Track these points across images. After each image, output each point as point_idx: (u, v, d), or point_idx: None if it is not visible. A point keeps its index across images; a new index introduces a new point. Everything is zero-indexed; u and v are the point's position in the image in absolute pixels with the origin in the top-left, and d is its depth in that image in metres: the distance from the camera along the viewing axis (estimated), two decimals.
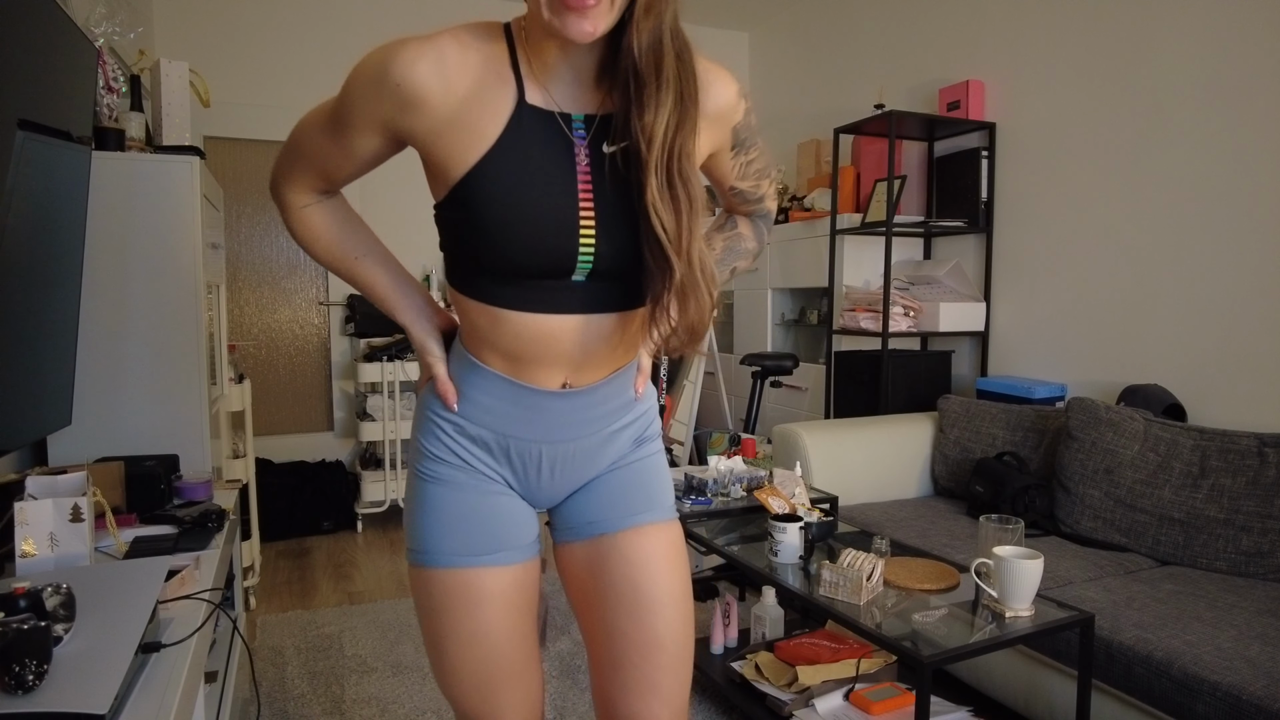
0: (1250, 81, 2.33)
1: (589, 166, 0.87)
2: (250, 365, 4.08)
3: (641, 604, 0.99)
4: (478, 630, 0.97)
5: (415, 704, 2.17)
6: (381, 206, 4.30)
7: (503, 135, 0.84)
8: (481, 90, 0.85)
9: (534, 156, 0.85)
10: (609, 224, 0.87)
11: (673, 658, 1.00)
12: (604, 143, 0.87)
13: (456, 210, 0.87)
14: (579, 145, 0.87)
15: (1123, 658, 1.62)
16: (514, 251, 0.86)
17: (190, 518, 1.62)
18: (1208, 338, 2.45)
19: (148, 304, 2.01)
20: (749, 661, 2.04)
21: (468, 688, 1.01)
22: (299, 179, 1.01)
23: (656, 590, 1.00)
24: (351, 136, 0.92)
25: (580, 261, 0.87)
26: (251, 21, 4.00)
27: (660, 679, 1.00)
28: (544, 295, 0.89)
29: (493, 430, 0.97)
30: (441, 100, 0.84)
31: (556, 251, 0.86)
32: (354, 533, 3.84)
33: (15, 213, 1.22)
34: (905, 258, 3.49)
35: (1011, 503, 2.36)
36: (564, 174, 0.86)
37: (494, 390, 0.96)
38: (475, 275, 0.91)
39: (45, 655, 0.87)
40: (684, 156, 0.85)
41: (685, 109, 0.84)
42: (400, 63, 0.84)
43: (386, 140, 0.91)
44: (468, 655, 0.99)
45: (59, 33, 1.40)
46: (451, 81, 0.84)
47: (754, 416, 3.44)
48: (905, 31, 3.65)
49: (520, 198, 0.84)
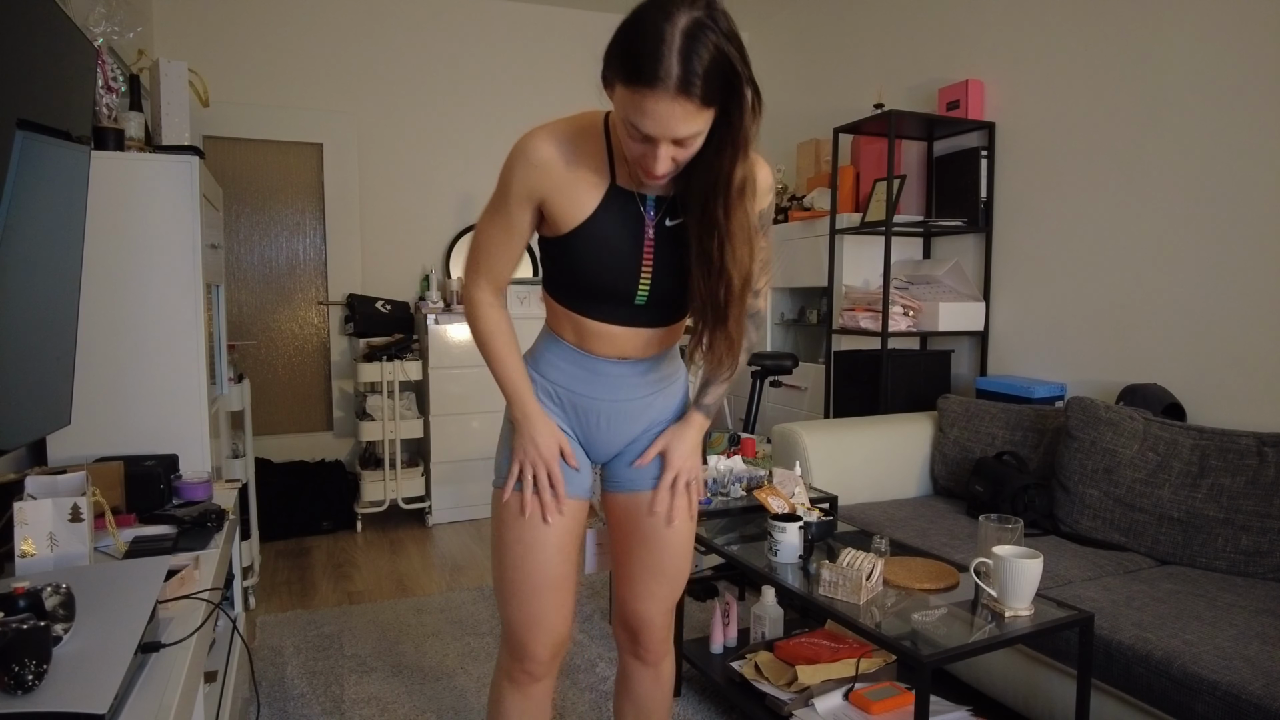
0: (1250, 81, 2.33)
1: (653, 234, 1.22)
2: (249, 365, 4.08)
3: (656, 543, 1.40)
4: (536, 543, 1.30)
5: (415, 704, 2.17)
6: (381, 207, 4.30)
7: (598, 209, 1.19)
8: (587, 172, 1.19)
9: (615, 225, 1.20)
10: (661, 274, 1.23)
11: (670, 579, 1.43)
12: (667, 218, 1.22)
13: (560, 251, 1.24)
14: (649, 220, 1.21)
15: (1122, 657, 1.62)
16: (594, 285, 1.24)
17: (189, 517, 1.62)
18: (1207, 337, 2.45)
19: (147, 304, 2.01)
20: (749, 661, 2.04)
21: (519, 588, 1.32)
22: (484, 276, 1.31)
23: (668, 536, 1.40)
24: (512, 211, 1.23)
25: (638, 297, 1.25)
26: (251, 21, 4.00)
27: (659, 590, 1.43)
28: (610, 310, 1.27)
29: (564, 387, 1.33)
30: (560, 172, 1.18)
31: (623, 289, 1.24)
32: (353, 532, 3.84)
33: (14, 212, 1.22)
34: (905, 257, 3.49)
35: (1011, 502, 2.36)
36: (636, 238, 1.21)
37: (567, 357, 1.32)
38: (565, 291, 1.29)
39: (45, 655, 0.87)
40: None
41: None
42: (534, 144, 1.18)
43: (534, 209, 1.22)
44: (525, 561, 1.31)
45: (58, 32, 1.40)
46: (566, 160, 1.18)
47: (753, 416, 3.44)
48: (905, 31, 3.65)
49: (603, 253, 1.21)
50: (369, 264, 4.30)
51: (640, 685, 1.52)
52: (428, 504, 3.94)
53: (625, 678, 1.54)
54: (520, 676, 1.36)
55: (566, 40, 4.58)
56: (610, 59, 1.03)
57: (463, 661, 2.41)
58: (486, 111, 4.45)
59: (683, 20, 0.96)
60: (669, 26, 0.96)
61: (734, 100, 1.03)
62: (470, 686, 2.26)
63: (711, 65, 0.98)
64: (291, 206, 4.20)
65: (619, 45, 1.01)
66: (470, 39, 4.41)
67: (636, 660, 1.50)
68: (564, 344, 1.32)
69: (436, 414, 3.85)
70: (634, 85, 0.99)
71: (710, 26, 0.97)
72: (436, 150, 4.37)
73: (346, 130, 4.21)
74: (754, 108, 1.05)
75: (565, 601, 1.35)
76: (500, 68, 4.48)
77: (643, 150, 1.06)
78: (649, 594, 1.43)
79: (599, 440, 1.37)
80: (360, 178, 4.26)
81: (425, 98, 4.34)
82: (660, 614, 1.45)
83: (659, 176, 1.09)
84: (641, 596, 1.43)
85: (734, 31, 1.00)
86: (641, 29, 0.98)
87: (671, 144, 1.04)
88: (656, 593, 1.43)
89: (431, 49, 4.34)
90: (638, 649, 1.48)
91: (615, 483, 1.42)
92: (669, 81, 0.96)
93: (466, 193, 4.42)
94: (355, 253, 4.26)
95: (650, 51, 0.96)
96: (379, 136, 4.28)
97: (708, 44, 0.97)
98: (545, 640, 1.34)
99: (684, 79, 0.96)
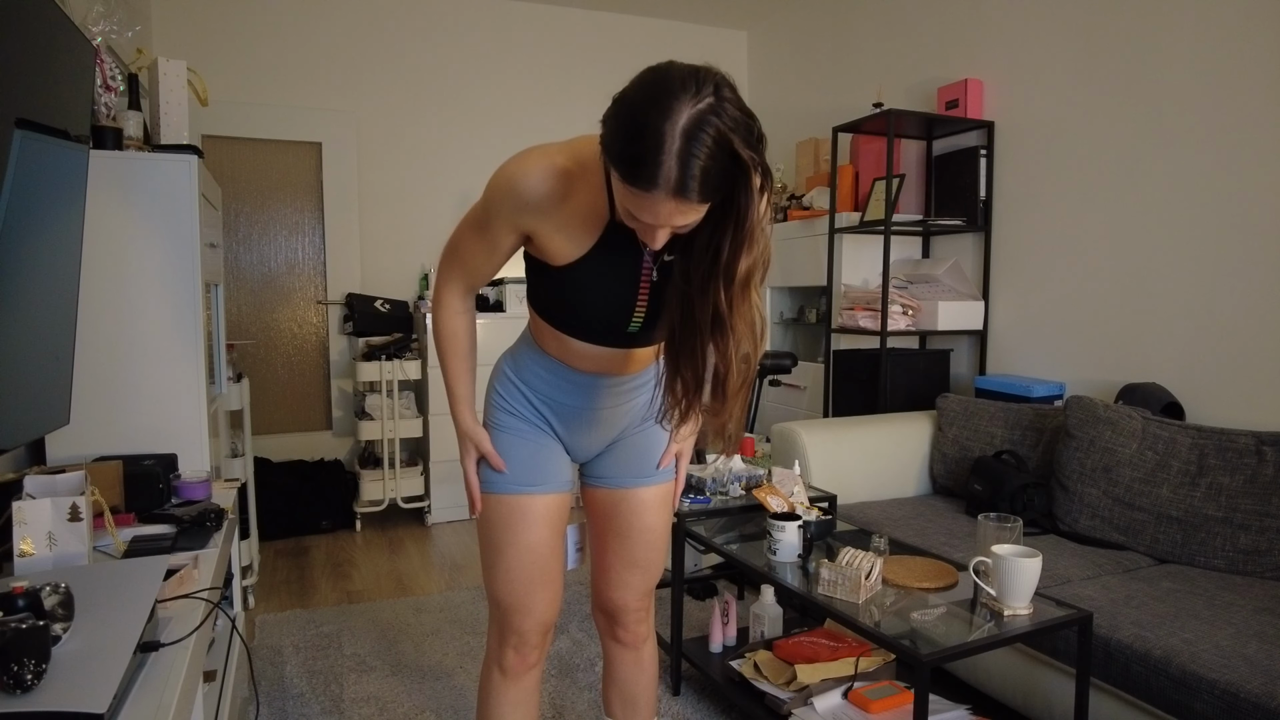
0: (1249, 80, 2.33)
1: (650, 268, 1.19)
2: (249, 364, 4.08)
3: (633, 537, 1.46)
4: (523, 542, 1.35)
5: (414, 703, 2.17)
6: (380, 207, 4.30)
7: (595, 246, 1.16)
8: (583, 209, 1.14)
9: (613, 262, 1.18)
10: (654, 306, 1.21)
11: (646, 569, 1.49)
12: (665, 253, 1.15)
13: (552, 281, 1.22)
14: (646, 257, 1.18)
15: (1121, 656, 1.63)
16: (587, 318, 1.24)
17: (189, 517, 1.61)
18: (1206, 336, 2.45)
19: (146, 303, 2.00)
20: (748, 660, 2.05)
21: (513, 584, 1.36)
22: (456, 281, 1.34)
23: (645, 530, 1.46)
24: (495, 233, 1.22)
25: (631, 327, 1.24)
26: (250, 20, 4.00)
27: (635, 581, 1.49)
28: (598, 336, 1.27)
29: (545, 395, 1.36)
30: (555, 210, 1.14)
31: (615, 322, 1.23)
32: (352, 532, 3.84)
33: (12, 212, 1.21)
34: (904, 256, 3.49)
35: (1010, 501, 2.36)
36: (633, 275, 1.19)
37: (550, 368, 1.34)
38: (553, 316, 1.28)
39: (44, 654, 0.86)
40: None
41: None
42: (528, 180, 1.14)
43: (520, 236, 1.21)
44: (518, 560, 1.35)
45: (56, 31, 1.40)
46: (562, 196, 1.14)
47: (753, 415, 3.44)
48: (904, 30, 3.65)
49: (597, 290, 1.20)
50: (368, 263, 4.30)
51: (622, 669, 1.58)
52: (427, 503, 3.94)
53: (609, 664, 1.61)
54: (514, 661, 1.40)
55: (566, 40, 4.58)
56: (607, 146, 0.98)
57: (462, 660, 2.41)
58: (486, 110, 4.45)
59: (683, 119, 0.91)
60: (668, 127, 0.91)
61: (738, 186, 0.99)
62: (469, 685, 2.26)
63: (710, 163, 0.93)
64: (290, 206, 4.19)
65: (616, 137, 0.96)
66: (470, 38, 4.41)
67: (617, 643, 1.57)
68: (547, 356, 1.34)
69: (436, 413, 3.85)
70: (631, 185, 0.96)
71: (713, 119, 0.92)
72: (436, 149, 4.37)
73: (346, 129, 4.20)
74: (763, 194, 1.00)
75: (555, 589, 1.41)
76: (500, 67, 4.48)
77: (639, 225, 1.04)
78: (624, 583, 1.49)
79: (579, 443, 1.42)
80: (359, 177, 4.25)
81: (425, 97, 4.34)
82: (635, 599, 1.51)
83: (657, 248, 1.07)
84: (616, 585, 1.50)
85: (740, 115, 0.95)
86: (640, 128, 0.92)
87: (670, 227, 1.02)
88: (631, 582, 1.49)
89: (431, 48, 4.34)
90: (616, 631, 1.55)
91: (594, 478, 1.48)
92: (667, 186, 0.93)
93: (466, 192, 4.42)
94: (354, 252, 4.26)
95: (649, 157, 0.92)
96: (378, 136, 4.27)
97: (707, 141, 0.92)
98: (537, 625, 1.39)
99: (681, 182, 0.93)
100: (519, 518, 1.35)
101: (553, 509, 1.38)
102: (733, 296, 1.06)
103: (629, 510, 1.45)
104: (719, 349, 1.10)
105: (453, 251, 1.32)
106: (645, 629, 1.55)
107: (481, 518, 1.39)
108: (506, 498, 1.35)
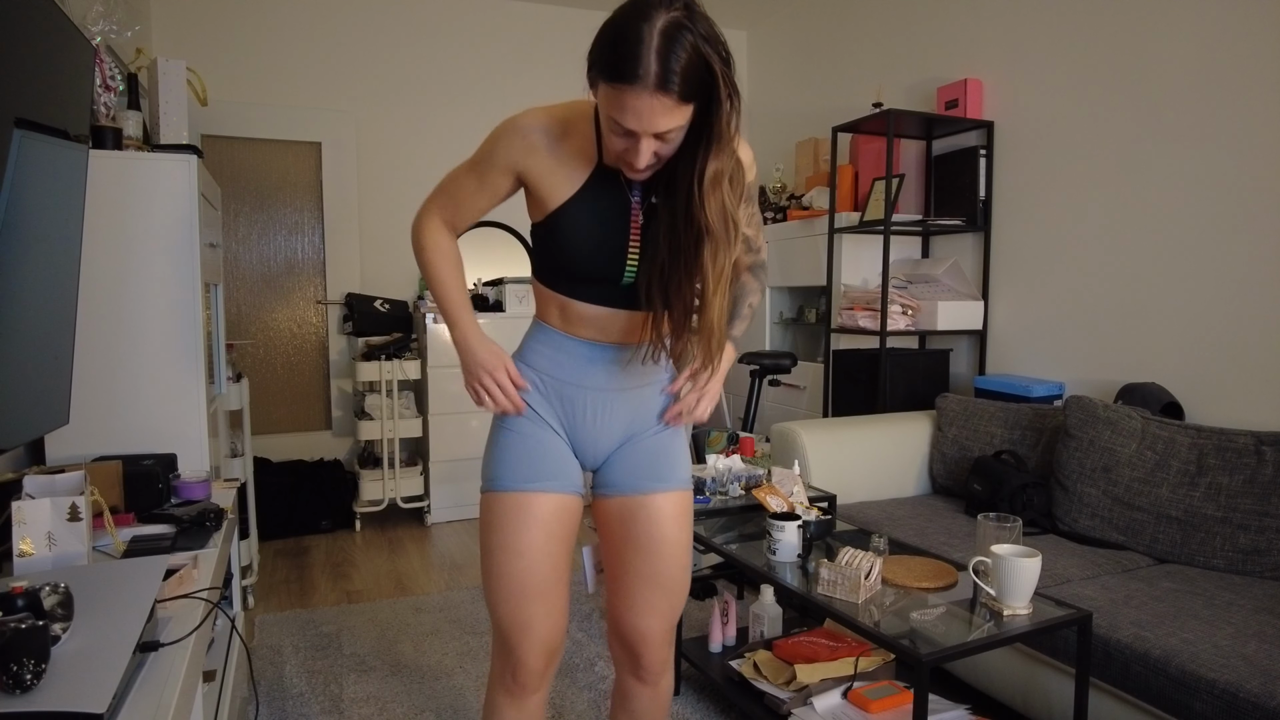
0: (1248, 80, 2.33)
1: (639, 213, 1.23)
2: (248, 364, 4.08)
3: (652, 550, 1.33)
4: (522, 545, 1.27)
5: (414, 703, 2.17)
6: (379, 206, 4.30)
7: (584, 187, 1.22)
8: (574, 151, 1.22)
9: (601, 203, 1.23)
10: (646, 253, 1.22)
11: (669, 591, 1.35)
12: (652, 196, 1.22)
13: (548, 231, 1.25)
14: (635, 199, 1.23)
15: (1120, 656, 1.63)
16: (581, 265, 1.24)
17: (188, 517, 1.61)
18: (1205, 336, 2.45)
19: (145, 303, 2.00)
20: (747, 660, 2.05)
21: (507, 594, 1.28)
22: (437, 215, 1.34)
23: (664, 542, 1.33)
24: (490, 172, 1.26)
25: (625, 277, 1.25)
26: (249, 20, 4.00)
27: (659, 603, 1.35)
28: (597, 292, 1.27)
29: (549, 375, 1.32)
30: (548, 147, 1.22)
31: (609, 268, 1.24)
32: (352, 532, 3.83)
33: (12, 211, 1.21)
34: (903, 256, 3.49)
35: (1009, 501, 2.36)
36: (622, 217, 1.23)
37: (552, 342, 1.32)
38: (553, 274, 1.29)
39: (43, 654, 0.86)
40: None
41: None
42: (525, 118, 1.23)
43: (514, 179, 1.26)
44: (512, 566, 1.27)
45: (56, 30, 1.40)
46: (555, 136, 1.22)
47: (752, 415, 3.44)
48: (904, 30, 3.65)
49: (589, 232, 1.22)
50: (367, 263, 4.30)
51: (638, 702, 1.44)
52: (426, 503, 3.93)
53: (622, 695, 1.47)
54: (514, 688, 1.32)
55: (565, 39, 4.57)
56: (593, 59, 1.08)
57: (461, 660, 2.41)
58: (485, 110, 4.44)
59: (660, 21, 1.01)
60: (646, 27, 1.01)
61: (712, 98, 1.08)
62: (469, 685, 2.26)
63: (688, 64, 1.02)
64: (290, 205, 4.19)
65: (600, 46, 1.07)
66: (469, 37, 4.41)
67: (635, 680, 1.42)
68: (549, 329, 1.33)
69: (435, 413, 3.85)
70: (615, 83, 1.04)
71: (687, 27, 1.02)
72: (435, 149, 4.37)
73: (345, 129, 4.20)
74: (732, 104, 1.09)
75: (556, 607, 1.30)
76: (499, 66, 4.48)
77: (625, 145, 1.11)
78: (649, 607, 1.34)
79: (587, 439, 1.34)
80: (359, 177, 4.25)
81: (424, 96, 4.34)
82: (660, 630, 1.36)
83: (641, 170, 1.14)
84: (640, 610, 1.34)
85: (713, 33, 1.05)
86: (621, 31, 1.03)
87: (653, 138, 1.08)
88: (657, 605, 1.34)
89: (430, 47, 4.34)
90: (638, 669, 1.39)
91: (606, 487, 1.37)
92: (648, 79, 1.01)
93: None
94: (354, 252, 4.26)
95: (629, 51, 1.02)
96: (378, 135, 4.27)
97: (685, 43, 1.02)
98: (538, 648, 1.29)
99: (662, 76, 1.01)
100: (518, 517, 1.27)
101: (557, 511, 1.29)
102: (704, 196, 1.13)
103: (646, 519, 1.33)
104: (701, 266, 1.17)
105: (440, 189, 1.33)
106: (667, 663, 1.41)
107: (481, 520, 1.33)
108: (507, 495, 1.28)
